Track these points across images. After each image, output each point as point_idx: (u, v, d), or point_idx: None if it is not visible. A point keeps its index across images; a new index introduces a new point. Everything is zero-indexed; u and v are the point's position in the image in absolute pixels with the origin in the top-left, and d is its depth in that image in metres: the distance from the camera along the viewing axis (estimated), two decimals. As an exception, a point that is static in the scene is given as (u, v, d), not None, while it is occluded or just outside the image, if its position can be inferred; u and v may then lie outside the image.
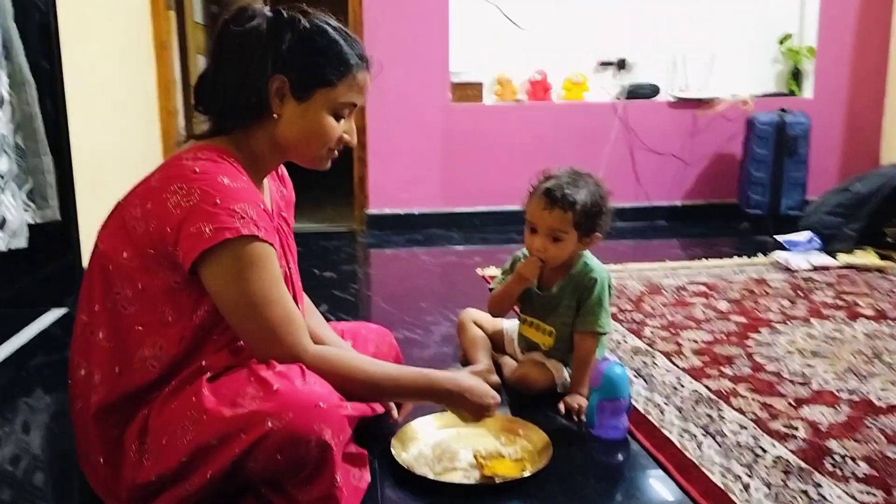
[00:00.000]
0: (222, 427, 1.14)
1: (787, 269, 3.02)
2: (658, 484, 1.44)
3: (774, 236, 3.41)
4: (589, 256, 1.85)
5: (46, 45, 2.56)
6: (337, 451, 1.18)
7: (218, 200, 1.17)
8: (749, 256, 3.25)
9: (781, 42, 4.26)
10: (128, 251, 1.22)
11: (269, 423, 1.13)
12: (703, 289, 2.77)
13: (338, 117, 1.32)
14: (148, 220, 1.20)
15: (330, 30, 1.29)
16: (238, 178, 1.22)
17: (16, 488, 1.44)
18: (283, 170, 1.52)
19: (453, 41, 4.00)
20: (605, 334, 1.80)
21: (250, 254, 1.19)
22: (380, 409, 1.55)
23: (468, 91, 4.10)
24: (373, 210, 4.08)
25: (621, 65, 4.23)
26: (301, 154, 1.34)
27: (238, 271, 1.18)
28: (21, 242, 2.37)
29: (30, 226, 2.46)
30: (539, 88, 4.18)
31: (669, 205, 4.30)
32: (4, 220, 2.33)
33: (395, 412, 1.61)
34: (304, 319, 1.34)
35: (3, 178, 2.32)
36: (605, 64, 4.24)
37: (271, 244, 1.23)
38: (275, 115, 1.28)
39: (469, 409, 1.41)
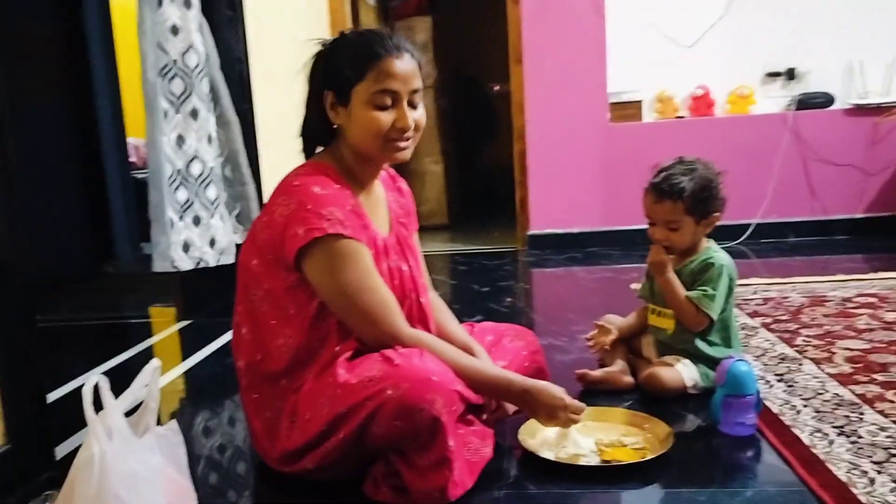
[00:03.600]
0: (352, 397, 1.35)
1: (976, 280, 2.78)
2: (777, 475, 1.45)
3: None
4: (715, 248, 1.90)
5: (244, 90, 3.00)
6: (448, 421, 1.34)
7: (309, 206, 1.40)
8: (934, 268, 3.02)
9: (975, 38, 3.91)
10: (255, 259, 1.48)
11: (389, 392, 1.32)
12: (873, 300, 2.63)
13: (381, 107, 1.43)
14: (265, 230, 1.46)
15: (353, 36, 1.47)
16: (329, 185, 1.44)
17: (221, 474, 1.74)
18: (401, 182, 1.73)
19: (611, 61, 4.08)
20: (707, 316, 1.82)
21: (339, 249, 1.40)
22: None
23: (627, 110, 4.15)
24: (534, 230, 4.22)
25: (790, 75, 4.08)
26: (369, 152, 1.49)
27: (331, 265, 1.40)
28: (229, 259, 2.79)
29: (239, 246, 2.89)
30: (701, 104, 4.13)
31: (850, 217, 4.05)
32: (214, 240, 2.76)
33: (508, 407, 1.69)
34: (432, 314, 1.53)
35: (213, 204, 2.75)
36: (773, 75, 4.11)
37: (358, 240, 1.42)
38: (335, 126, 1.49)
39: (540, 410, 1.50)
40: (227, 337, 2.70)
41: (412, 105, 1.47)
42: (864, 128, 3.97)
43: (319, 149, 1.59)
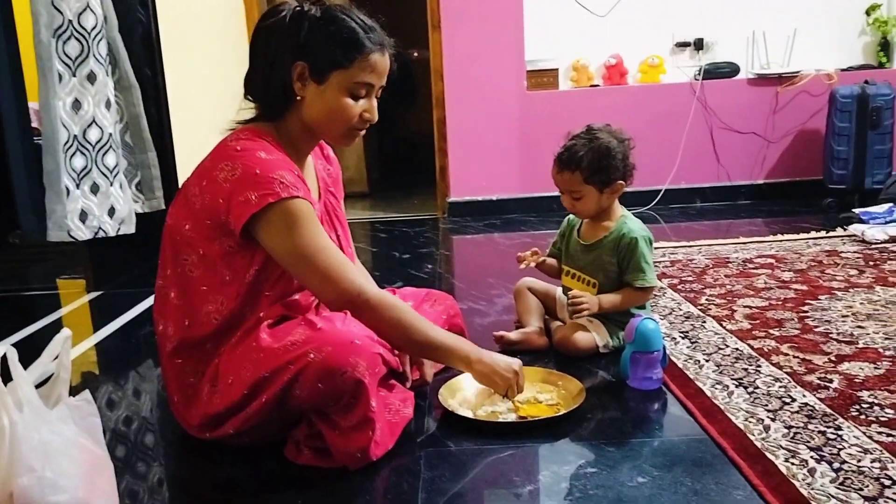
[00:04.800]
0: (274, 360, 1.36)
1: (863, 241, 2.98)
2: (680, 425, 1.54)
3: (854, 210, 3.34)
4: (629, 217, 1.97)
5: (149, 54, 2.89)
6: (371, 383, 1.36)
7: (258, 171, 1.38)
8: (827, 231, 3.21)
9: (868, 13, 4.13)
10: (189, 223, 1.45)
11: (311, 356, 1.33)
12: (771, 261, 2.79)
13: (355, 97, 1.47)
14: (203, 195, 1.43)
15: (343, 17, 1.45)
16: (273, 152, 1.43)
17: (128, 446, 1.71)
18: (328, 149, 1.72)
19: (528, 30, 4.13)
20: (651, 287, 1.92)
21: (293, 210, 1.39)
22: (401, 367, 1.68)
23: (543, 78, 4.21)
24: (454, 198, 4.26)
25: (698, 45, 4.23)
26: (326, 132, 1.52)
27: (287, 227, 1.39)
28: (129, 228, 2.71)
29: (140, 215, 2.79)
30: (615, 73, 4.24)
31: (752, 184, 4.26)
32: (113, 209, 2.66)
33: (429, 376, 1.75)
34: None
35: (112, 171, 2.65)
36: (682, 45, 4.25)
37: (310, 202, 1.42)
38: (299, 98, 1.47)
39: (493, 376, 1.54)
40: (139, 308, 2.64)
41: (376, 97, 1.51)
42: (766, 97, 4.16)
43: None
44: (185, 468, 1.54)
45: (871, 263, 2.68)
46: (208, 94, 3.46)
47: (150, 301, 2.73)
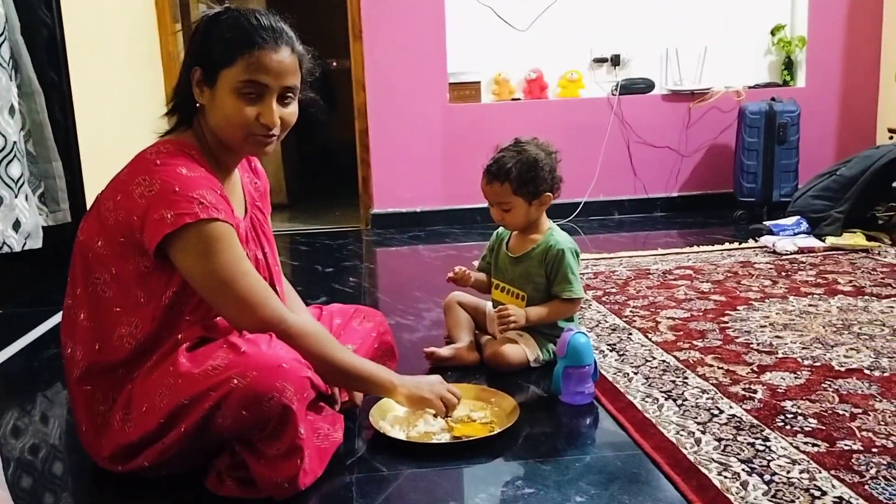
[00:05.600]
0: (194, 387, 1.27)
1: (774, 253, 3.09)
2: (614, 440, 1.54)
3: (764, 222, 3.47)
4: (556, 230, 1.98)
5: (54, 57, 2.72)
6: (299, 409, 1.29)
7: (177, 188, 1.29)
8: (740, 243, 3.32)
9: (773, 33, 4.33)
10: (101, 240, 1.36)
11: (235, 381, 1.25)
12: (689, 272, 2.86)
13: (247, 99, 1.35)
14: (118, 210, 1.33)
15: (236, 16, 1.36)
16: (195, 168, 1.34)
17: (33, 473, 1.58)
18: (256, 162, 1.64)
19: (450, 42, 4.12)
20: (579, 298, 1.93)
21: (212, 234, 1.30)
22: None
23: (466, 91, 4.21)
24: (377, 210, 4.20)
25: (615, 61, 4.32)
26: (229, 140, 1.40)
27: (203, 251, 1.30)
28: (36, 243, 2.53)
29: (45, 229, 2.61)
30: (535, 87, 4.28)
31: (666, 196, 4.37)
32: (19, 223, 2.49)
33: (358, 398, 1.69)
34: (282, 301, 1.46)
35: (17, 182, 2.47)
36: (600, 60, 4.33)
37: (231, 224, 1.34)
38: (198, 104, 1.39)
39: (421, 394, 1.53)
40: (43, 328, 2.48)
41: (284, 101, 1.40)
42: (679, 112, 4.29)
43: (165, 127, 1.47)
44: (97, 503, 1.43)
45: (784, 274, 2.78)
46: (118, 101, 3.29)
47: (55, 320, 2.56)
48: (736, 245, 3.29)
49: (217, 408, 1.26)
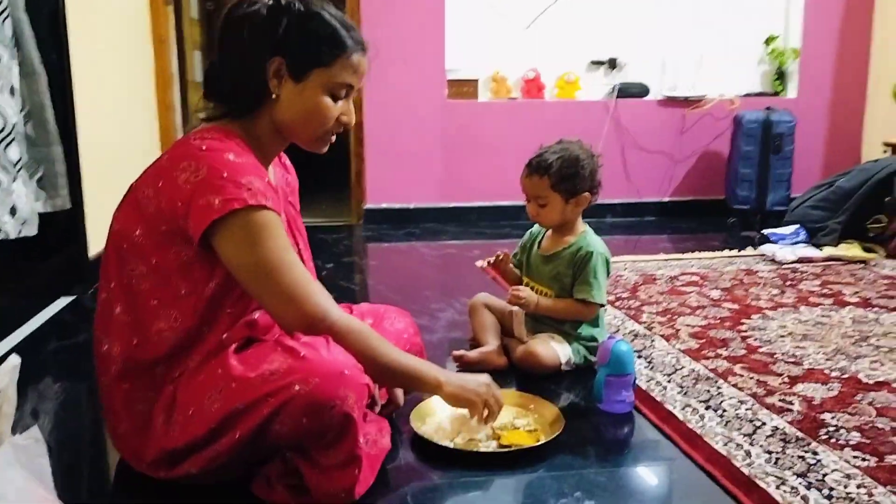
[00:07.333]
0: (250, 392, 1.21)
1: (774, 261, 3.12)
2: (665, 452, 1.52)
3: (761, 230, 3.51)
4: (590, 233, 1.98)
5: (55, 37, 2.60)
6: (359, 417, 1.24)
7: (225, 174, 1.23)
8: (738, 250, 3.35)
9: (767, 43, 4.38)
10: (140, 229, 1.29)
11: (297, 388, 1.19)
12: (696, 279, 2.87)
13: (334, 98, 1.36)
14: (160, 197, 1.26)
15: (326, 14, 1.34)
16: (243, 154, 1.29)
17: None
18: (285, 159, 1.59)
19: (449, 39, 4.08)
20: (598, 305, 1.92)
21: (260, 221, 1.25)
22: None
23: (463, 88, 4.17)
24: (370, 205, 4.14)
25: (612, 64, 4.33)
26: (300, 135, 1.38)
27: (250, 239, 1.24)
28: (31, 230, 2.41)
29: (39, 216, 2.50)
30: (532, 86, 4.26)
31: (659, 201, 4.40)
32: (15, 209, 2.37)
33: (400, 399, 1.66)
34: None
35: (15, 166, 2.36)
36: (597, 63, 4.33)
37: (278, 213, 1.29)
38: (273, 96, 1.34)
39: (466, 395, 1.46)
40: (39, 320, 2.37)
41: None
42: (674, 118, 4.32)
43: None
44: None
45: (789, 283, 2.80)
46: (117, 85, 3.17)
47: (50, 312, 2.46)
48: (735, 252, 3.31)
49: (276, 415, 1.21)
